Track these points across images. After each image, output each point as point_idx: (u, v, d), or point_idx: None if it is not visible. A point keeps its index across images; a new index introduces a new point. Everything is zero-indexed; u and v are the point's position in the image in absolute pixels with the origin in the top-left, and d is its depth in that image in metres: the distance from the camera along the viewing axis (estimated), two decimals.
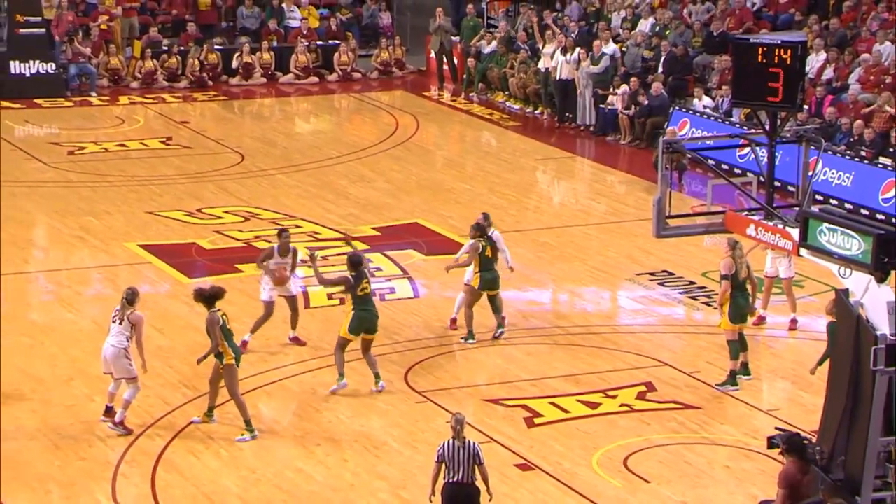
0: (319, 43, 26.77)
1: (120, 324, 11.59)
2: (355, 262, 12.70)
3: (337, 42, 26.74)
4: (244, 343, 13.23)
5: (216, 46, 26.13)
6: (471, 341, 13.76)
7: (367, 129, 23.50)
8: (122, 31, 26.36)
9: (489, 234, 13.88)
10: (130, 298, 11.67)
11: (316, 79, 26.15)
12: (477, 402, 12.48)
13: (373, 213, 18.02)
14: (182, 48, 25.94)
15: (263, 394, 12.66)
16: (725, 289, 12.64)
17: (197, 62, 25.68)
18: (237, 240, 17.04)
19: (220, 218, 17.91)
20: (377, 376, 12.68)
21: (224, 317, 11.61)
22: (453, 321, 14.10)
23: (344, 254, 13.62)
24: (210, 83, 25.62)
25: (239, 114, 24.54)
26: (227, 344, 11.52)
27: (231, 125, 23.38)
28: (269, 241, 16.82)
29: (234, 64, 25.71)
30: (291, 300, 13.63)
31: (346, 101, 25.36)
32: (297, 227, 17.15)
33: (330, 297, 14.73)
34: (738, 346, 12.69)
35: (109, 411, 11.79)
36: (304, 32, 26.73)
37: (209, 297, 11.61)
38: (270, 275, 13.39)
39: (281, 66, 26.17)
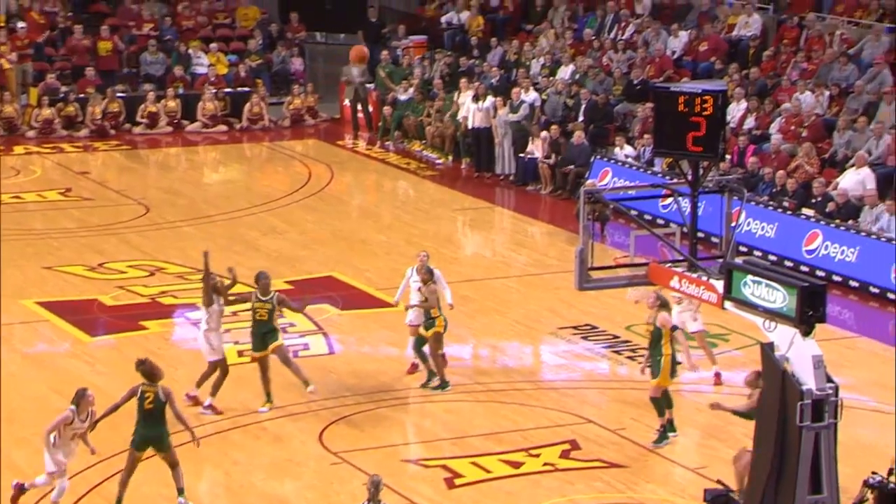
0: (228, 90, 26.75)
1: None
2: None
3: (246, 89, 26.76)
4: (209, 406, 13.20)
5: (118, 94, 25.98)
6: (448, 388, 13.90)
7: (278, 178, 23.49)
8: (17, 78, 26.07)
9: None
10: (74, 399, 11.34)
11: (224, 127, 26.11)
12: (395, 463, 12.48)
13: (285, 265, 17.98)
14: (81, 95, 25.75)
15: None
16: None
17: (98, 110, 25.51)
18: (142, 295, 16.87)
19: (123, 273, 17.73)
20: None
21: (150, 396, 11.43)
22: (414, 366, 14.29)
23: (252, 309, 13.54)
24: (112, 132, 25.44)
25: (143, 164, 24.39)
26: (139, 425, 11.40)
27: (135, 175, 23.23)
28: (176, 297, 16.78)
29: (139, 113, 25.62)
30: (223, 363, 13.49)
31: (257, 150, 25.35)
32: None
33: (241, 354, 14.64)
34: (665, 402, 12.86)
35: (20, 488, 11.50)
36: (212, 79, 26.71)
37: (148, 373, 11.48)
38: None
39: (188, 114, 26.11)
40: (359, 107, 26.09)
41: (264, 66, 27.91)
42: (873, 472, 10.72)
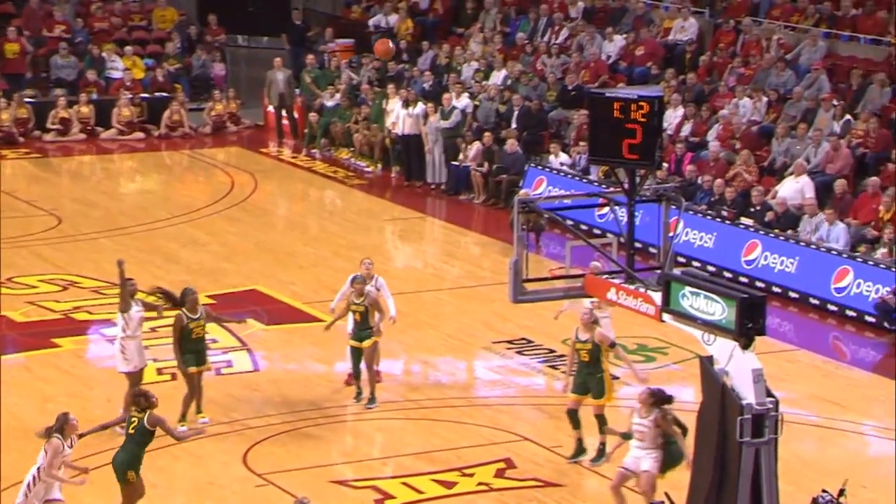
0: (145, 95, 26.54)
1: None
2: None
3: (164, 95, 26.55)
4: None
5: (27, 99, 25.64)
6: (375, 405, 13.97)
7: (199, 188, 23.33)
8: None
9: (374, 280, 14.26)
10: (56, 426, 11.04)
11: (141, 134, 25.88)
12: (323, 484, 12.44)
13: (207, 279, 17.84)
14: None
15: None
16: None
17: (6, 116, 25.15)
18: (53, 311, 16.65)
19: (33, 287, 17.49)
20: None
21: (134, 422, 11.24)
22: (351, 376, 14.31)
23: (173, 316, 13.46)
24: (21, 139, 25.10)
25: (55, 173, 24.08)
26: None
27: (46, 185, 22.93)
28: (91, 312, 16.58)
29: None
30: (135, 376, 13.35)
31: (176, 158, 25.15)
32: None
33: (161, 371, 14.52)
34: (576, 422, 12.84)
35: None
36: (128, 84, 26.47)
37: (137, 401, 11.35)
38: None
39: (102, 120, 25.82)
40: (283, 113, 26.01)
41: (183, 71, 27.72)
42: (823, 490, 10.87)
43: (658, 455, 11.27)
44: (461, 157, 22.56)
